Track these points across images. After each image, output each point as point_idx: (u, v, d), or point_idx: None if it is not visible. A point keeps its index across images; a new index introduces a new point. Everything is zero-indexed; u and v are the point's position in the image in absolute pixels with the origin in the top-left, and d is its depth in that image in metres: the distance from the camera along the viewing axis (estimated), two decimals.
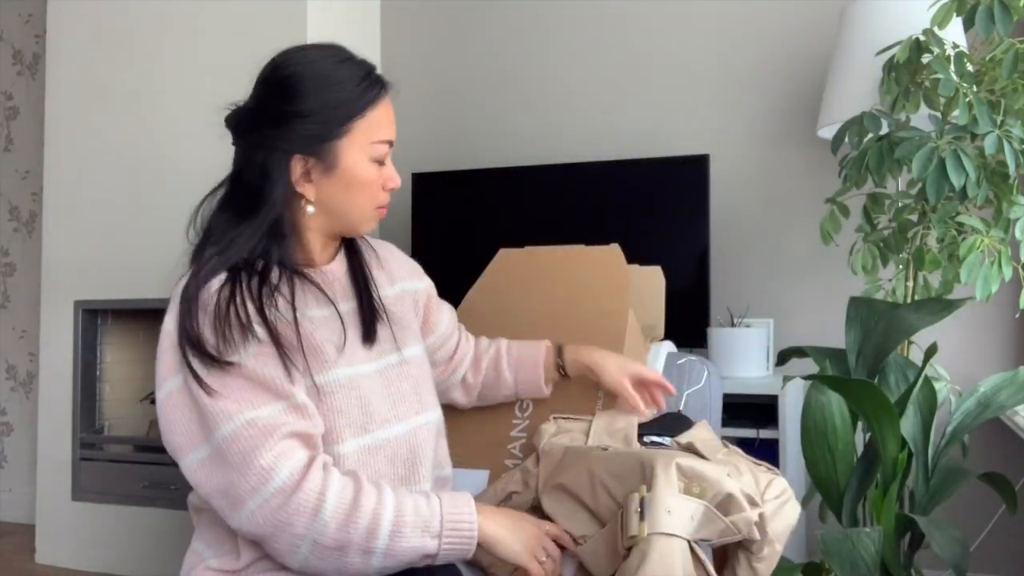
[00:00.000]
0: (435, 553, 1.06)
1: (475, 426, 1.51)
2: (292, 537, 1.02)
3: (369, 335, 1.20)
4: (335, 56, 1.18)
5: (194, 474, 1.07)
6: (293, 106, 1.14)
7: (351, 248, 1.29)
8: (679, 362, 1.61)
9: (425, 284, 1.41)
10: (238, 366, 1.06)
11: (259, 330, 1.08)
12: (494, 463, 1.47)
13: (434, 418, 1.26)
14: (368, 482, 1.07)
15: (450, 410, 1.46)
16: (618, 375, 1.41)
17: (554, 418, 1.44)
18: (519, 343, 1.50)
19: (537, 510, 1.26)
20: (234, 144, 1.21)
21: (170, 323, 1.10)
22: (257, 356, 1.07)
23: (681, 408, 1.55)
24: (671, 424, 1.39)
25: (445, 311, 1.45)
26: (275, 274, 1.15)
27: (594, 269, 1.61)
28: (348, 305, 1.22)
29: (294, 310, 1.13)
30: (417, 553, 1.05)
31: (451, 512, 1.07)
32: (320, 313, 1.17)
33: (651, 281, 1.72)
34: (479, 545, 1.08)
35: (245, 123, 1.18)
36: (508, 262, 1.72)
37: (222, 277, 1.11)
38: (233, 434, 1.03)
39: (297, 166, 1.15)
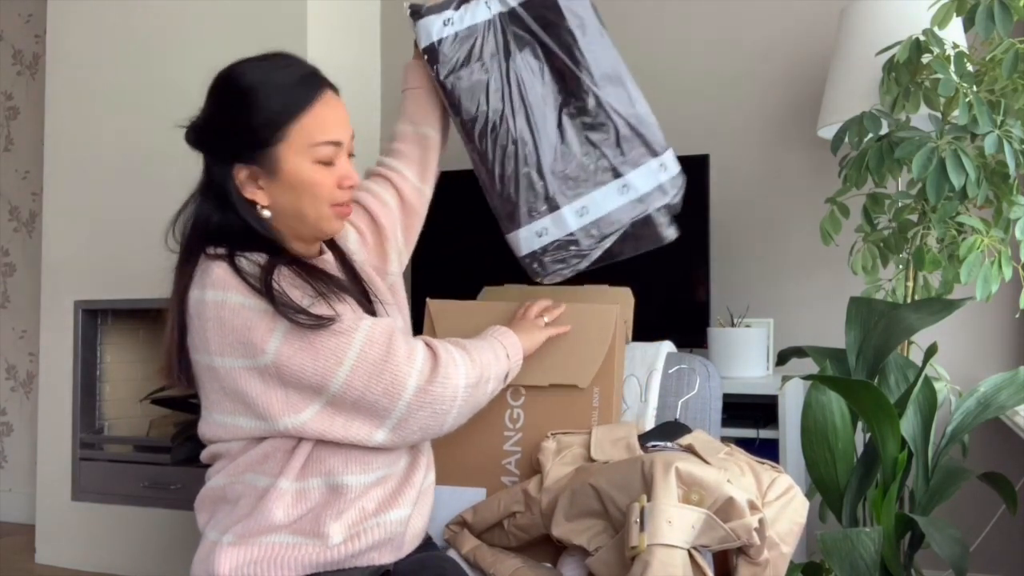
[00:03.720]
0: (508, 370, 1.32)
1: (467, 441, 1.45)
2: (452, 390, 1.19)
3: (369, 313, 1.26)
4: (274, 64, 1.21)
5: (325, 416, 1.16)
6: (229, 115, 1.19)
7: (331, 242, 1.35)
8: (671, 371, 1.60)
9: (351, 232, 1.41)
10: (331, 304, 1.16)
11: (322, 286, 1.17)
12: (491, 482, 1.46)
13: None
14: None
15: None
16: None
17: (552, 435, 1.43)
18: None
19: (547, 536, 1.28)
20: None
21: (235, 297, 1.13)
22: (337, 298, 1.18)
23: (678, 415, 1.54)
24: (669, 431, 1.39)
25: (364, 208, 1.44)
26: (285, 262, 1.20)
27: (583, 324, 1.49)
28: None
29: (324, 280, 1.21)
30: (500, 377, 1.30)
31: (505, 338, 1.34)
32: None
33: (597, 319, 1.50)
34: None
35: (193, 136, 1.26)
36: (491, 301, 1.62)
37: (260, 260, 1.18)
38: (368, 338, 1.15)
39: (240, 174, 1.20)
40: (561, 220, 1.39)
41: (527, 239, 1.41)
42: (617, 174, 1.40)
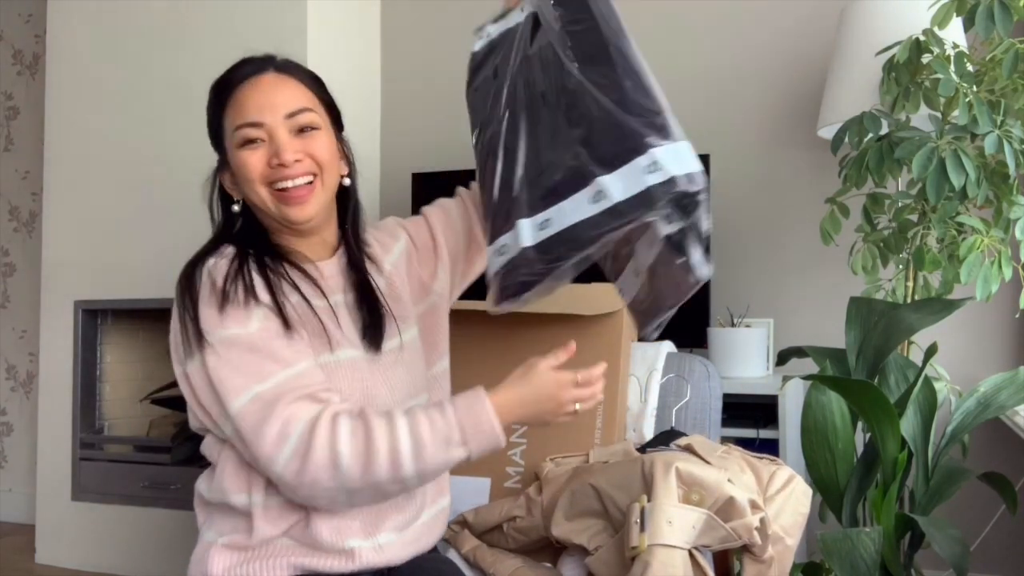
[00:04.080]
0: (468, 457, 1.07)
1: None
2: (325, 491, 1.05)
3: (370, 326, 1.21)
4: (239, 63, 1.21)
5: (231, 446, 1.12)
6: (207, 117, 1.22)
7: (349, 245, 1.28)
8: (663, 380, 1.58)
9: (403, 237, 1.35)
10: (242, 336, 1.08)
11: (263, 295, 1.11)
12: (496, 471, 1.46)
13: (424, 400, 1.26)
14: (377, 416, 1.07)
15: None
16: None
17: (551, 459, 1.43)
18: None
19: (546, 540, 1.27)
20: None
21: (174, 317, 1.14)
22: (261, 326, 1.10)
23: (673, 423, 1.55)
24: (666, 439, 1.39)
25: (425, 219, 1.38)
26: (270, 260, 1.18)
27: (589, 330, 1.47)
28: (341, 297, 1.22)
29: (299, 292, 1.16)
30: (449, 463, 1.07)
31: (467, 417, 1.07)
32: (318, 303, 1.18)
33: (606, 323, 1.47)
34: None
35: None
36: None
37: (229, 254, 1.16)
38: (242, 410, 1.06)
39: (224, 177, 1.22)
40: (518, 234, 1.08)
41: (491, 258, 1.13)
42: (589, 176, 1.05)
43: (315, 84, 1.23)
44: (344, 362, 1.16)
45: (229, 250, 1.17)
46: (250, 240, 1.20)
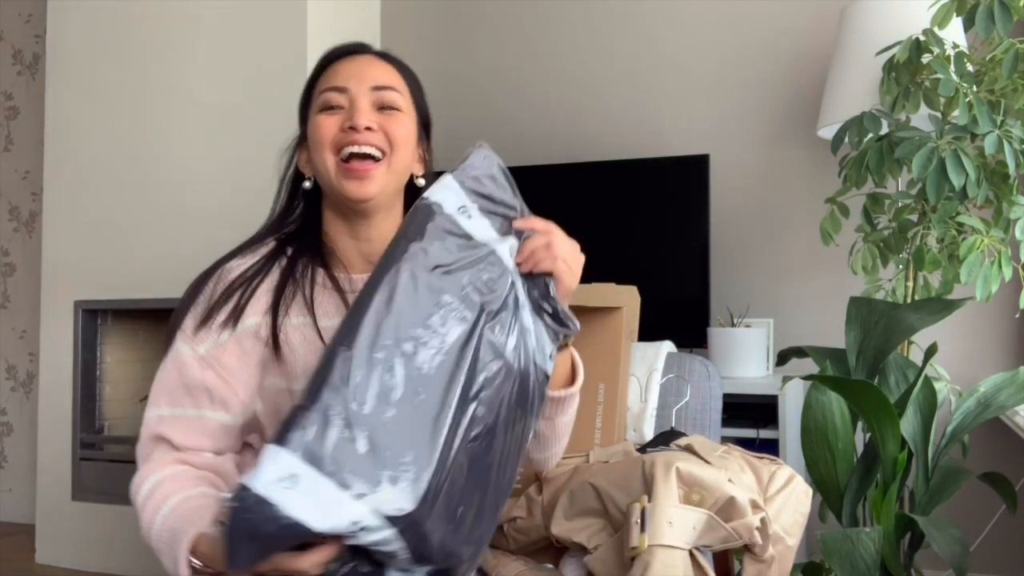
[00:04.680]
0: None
1: None
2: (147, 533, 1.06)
3: None
4: (339, 45, 1.19)
5: None
6: (302, 100, 1.18)
7: None
8: (663, 380, 1.58)
9: None
10: (188, 357, 1.09)
11: (251, 318, 1.09)
12: None
13: None
14: (178, 479, 1.05)
15: None
16: None
17: None
18: None
19: (547, 540, 1.27)
20: None
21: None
22: (209, 353, 1.09)
23: (673, 423, 1.54)
24: (666, 439, 1.39)
25: None
26: (301, 268, 1.14)
27: (589, 329, 1.43)
28: None
29: (312, 315, 1.10)
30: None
31: (171, 543, 1.00)
32: (336, 323, 1.08)
33: (606, 321, 1.45)
34: None
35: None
36: None
37: (262, 252, 1.15)
38: (148, 422, 1.10)
39: (301, 155, 1.19)
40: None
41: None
42: None
43: (412, 80, 1.19)
44: None
45: (264, 249, 1.15)
46: (300, 231, 1.18)
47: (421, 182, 1.21)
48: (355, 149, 1.09)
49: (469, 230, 1.01)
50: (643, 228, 2.46)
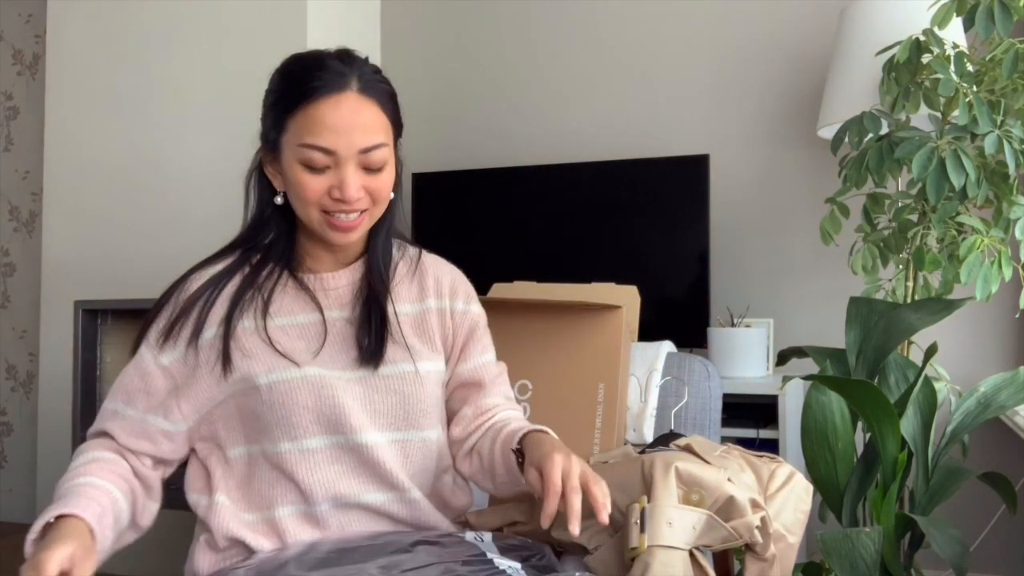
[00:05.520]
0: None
1: None
2: None
3: (370, 345, 1.16)
4: (318, 52, 1.16)
5: None
6: (266, 100, 1.18)
7: (375, 255, 1.22)
8: (662, 381, 1.58)
9: (474, 310, 1.29)
10: (149, 363, 1.17)
11: (209, 330, 1.15)
12: None
13: (433, 436, 1.21)
14: (97, 459, 1.19)
15: None
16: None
17: None
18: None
19: (547, 536, 1.27)
20: None
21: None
22: (172, 365, 1.16)
23: (673, 424, 1.55)
24: (665, 441, 1.39)
25: (479, 354, 1.28)
26: (265, 274, 1.18)
27: (589, 328, 1.47)
28: (341, 314, 1.19)
29: (264, 318, 1.16)
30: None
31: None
32: (302, 319, 1.18)
33: (605, 321, 1.47)
34: None
35: None
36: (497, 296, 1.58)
37: (226, 262, 1.19)
38: (103, 410, 1.20)
39: (264, 155, 1.18)
40: None
41: None
42: None
43: (391, 104, 1.17)
44: (311, 377, 1.13)
45: (229, 260, 1.19)
46: (275, 241, 1.20)
47: (391, 195, 1.20)
48: (342, 217, 1.13)
49: None
50: (643, 228, 2.46)
